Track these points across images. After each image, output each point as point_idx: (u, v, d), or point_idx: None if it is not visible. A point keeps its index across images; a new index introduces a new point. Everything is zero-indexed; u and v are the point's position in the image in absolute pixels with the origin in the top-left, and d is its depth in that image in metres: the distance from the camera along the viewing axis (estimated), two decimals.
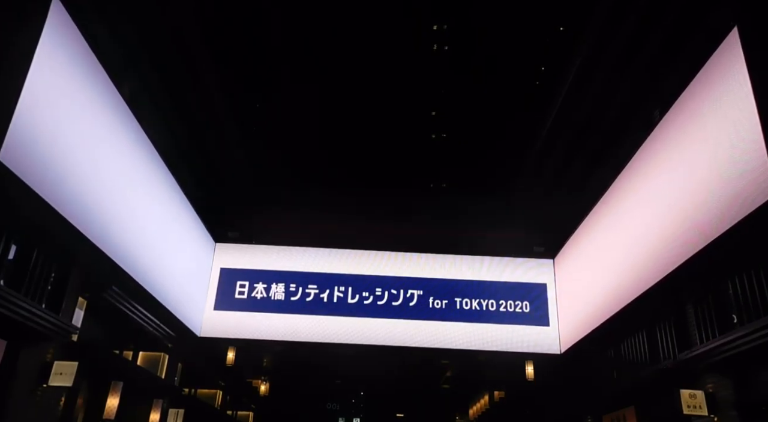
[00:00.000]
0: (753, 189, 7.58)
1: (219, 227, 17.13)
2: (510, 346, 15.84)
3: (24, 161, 7.56)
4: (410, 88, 56.92)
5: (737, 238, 8.31)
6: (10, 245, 8.36)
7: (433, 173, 57.90)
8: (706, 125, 9.04)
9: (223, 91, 15.13)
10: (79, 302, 10.52)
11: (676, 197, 9.89)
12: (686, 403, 9.06)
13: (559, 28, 20.86)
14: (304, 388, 29.49)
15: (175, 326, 14.17)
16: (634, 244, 11.50)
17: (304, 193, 19.41)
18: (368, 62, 51.65)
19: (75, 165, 9.00)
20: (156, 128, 13.90)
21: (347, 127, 52.75)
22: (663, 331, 10.86)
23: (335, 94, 49.19)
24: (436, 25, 61.82)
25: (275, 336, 15.88)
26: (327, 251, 16.94)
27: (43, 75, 7.91)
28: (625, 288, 11.66)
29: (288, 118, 40.07)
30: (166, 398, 14.72)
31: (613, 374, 13.21)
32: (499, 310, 16.21)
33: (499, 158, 28.33)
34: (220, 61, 15.36)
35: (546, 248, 17.34)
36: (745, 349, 8.07)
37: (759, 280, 8.27)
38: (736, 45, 8.17)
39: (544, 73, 23.58)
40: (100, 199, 9.84)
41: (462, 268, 16.78)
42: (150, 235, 12.17)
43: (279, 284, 16.40)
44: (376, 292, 16.47)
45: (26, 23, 7.77)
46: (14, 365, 8.60)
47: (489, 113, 34.88)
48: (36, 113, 7.83)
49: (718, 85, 8.68)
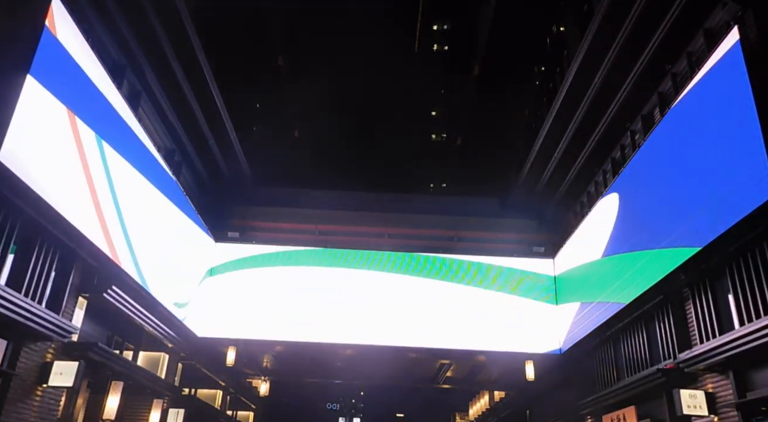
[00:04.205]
0: (752, 189, 7.59)
1: (219, 227, 17.14)
2: (510, 346, 15.84)
3: (24, 161, 7.56)
4: (410, 89, 56.96)
5: (737, 238, 8.31)
6: (10, 245, 8.36)
7: (433, 173, 57.96)
8: (706, 125, 9.04)
9: (224, 91, 15.14)
10: (79, 302, 10.52)
11: (676, 197, 9.89)
12: (686, 403, 9.06)
13: (560, 28, 20.86)
14: (304, 388, 29.54)
15: (175, 326, 14.18)
16: (633, 244, 11.50)
17: (304, 193, 19.41)
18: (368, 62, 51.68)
19: (75, 165, 9.00)
20: (156, 128, 13.95)
21: (347, 127, 52.80)
22: (663, 331, 10.86)
23: (335, 94, 49.24)
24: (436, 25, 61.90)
25: (275, 336, 15.88)
26: (327, 251, 16.94)
27: (43, 75, 7.91)
28: (625, 288, 11.66)
29: (288, 118, 40.09)
30: (166, 398, 14.72)
31: (613, 374, 13.22)
32: (499, 310, 16.20)
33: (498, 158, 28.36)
34: (220, 62, 15.38)
35: (546, 249, 17.35)
36: (745, 349, 8.07)
37: (759, 280, 8.27)
38: (736, 45, 8.18)
39: (544, 73, 23.57)
40: (100, 199, 9.84)
41: (462, 268, 16.77)
42: (150, 235, 12.17)
43: (279, 284, 16.39)
44: (376, 292, 16.46)
45: (27, 23, 7.78)
46: (14, 365, 8.60)
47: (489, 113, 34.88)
48: (36, 114, 7.83)
49: (718, 85, 8.69)
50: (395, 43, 55.08)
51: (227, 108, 15.58)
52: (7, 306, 7.79)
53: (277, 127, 34.62)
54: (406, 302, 16.31)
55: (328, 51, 50.01)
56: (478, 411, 28.21)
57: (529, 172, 17.03)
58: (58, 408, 9.92)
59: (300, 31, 43.12)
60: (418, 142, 59.85)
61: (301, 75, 42.41)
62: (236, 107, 16.61)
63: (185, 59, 13.16)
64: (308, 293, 16.31)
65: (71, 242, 9.55)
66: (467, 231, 18.43)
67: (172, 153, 14.93)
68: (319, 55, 47.95)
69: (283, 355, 18.15)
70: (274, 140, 32.32)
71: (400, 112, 56.87)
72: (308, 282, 16.46)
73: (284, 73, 37.35)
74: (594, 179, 15.50)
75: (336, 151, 50.70)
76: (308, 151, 45.21)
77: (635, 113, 12.74)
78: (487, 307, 16.26)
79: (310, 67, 45.48)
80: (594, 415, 13.72)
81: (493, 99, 34.53)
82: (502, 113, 30.80)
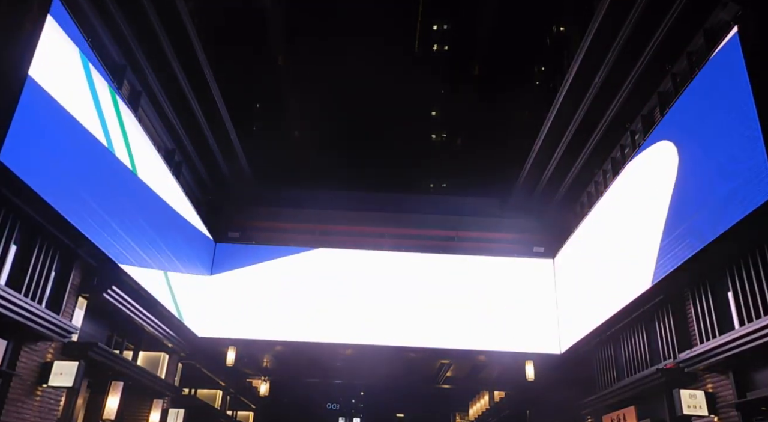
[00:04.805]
0: (752, 189, 7.59)
1: (219, 227, 17.13)
2: (510, 346, 15.84)
3: (24, 161, 7.56)
4: (410, 89, 56.94)
5: (737, 238, 8.31)
6: (10, 245, 8.36)
7: (433, 173, 57.91)
8: (706, 126, 9.04)
9: (224, 91, 15.13)
10: (79, 302, 10.52)
11: (675, 197, 9.89)
12: (686, 403, 9.06)
13: (560, 28, 20.85)
14: (304, 388, 29.51)
15: (175, 326, 14.18)
16: (634, 244, 11.50)
17: (304, 193, 19.40)
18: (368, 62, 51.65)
19: (75, 165, 9.00)
20: (156, 128, 13.94)
21: (347, 127, 52.78)
22: (663, 331, 10.86)
23: (335, 94, 49.23)
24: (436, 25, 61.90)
25: (275, 336, 15.88)
26: (327, 251, 16.94)
27: (43, 76, 7.91)
28: (625, 288, 11.67)
29: (288, 118, 40.07)
30: (166, 398, 14.72)
31: (613, 374, 13.22)
32: (499, 310, 16.19)
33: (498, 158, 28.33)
34: (220, 61, 15.37)
35: (546, 249, 17.34)
36: (745, 349, 8.07)
37: (759, 280, 8.27)
38: (736, 45, 8.18)
39: (544, 74, 23.56)
40: (101, 199, 9.84)
41: (462, 268, 16.77)
42: (150, 235, 12.17)
43: (279, 284, 16.39)
44: (375, 292, 16.45)
45: (27, 23, 7.78)
46: (14, 365, 8.60)
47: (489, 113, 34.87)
48: (36, 114, 7.83)
49: (718, 86, 8.69)
50: (395, 43, 55.06)
51: (227, 108, 15.58)
52: (7, 306, 7.79)
53: (277, 127, 34.59)
54: (406, 302, 16.31)
55: (328, 51, 49.97)
56: (478, 411, 28.21)
57: (529, 172, 17.02)
58: (58, 408, 9.92)
59: (300, 31, 43.10)
60: (418, 142, 59.80)
61: (301, 75, 42.39)
62: (236, 107, 16.59)
63: (185, 59, 13.16)
64: (308, 293, 16.30)
65: (71, 242, 9.55)
66: (467, 231, 18.43)
67: (172, 153, 14.93)
68: (319, 55, 47.92)
69: (283, 355, 18.14)
70: (274, 140, 32.28)
71: (400, 112, 56.82)
72: (308, 282, 16.46)
73: (284, 73, 37.33)
74: (594, 179, 15.50)
75: (336, 151, 50.65)
76: (308, 151, 45.17)
77: (635, 113, 12.75)
78: (487, 307, 16.26)
79: (310, 67, 45.47)
80: (594, 415, 13.73)
81: (493, 99, 34.54)
82: (502, 113, 30.75)
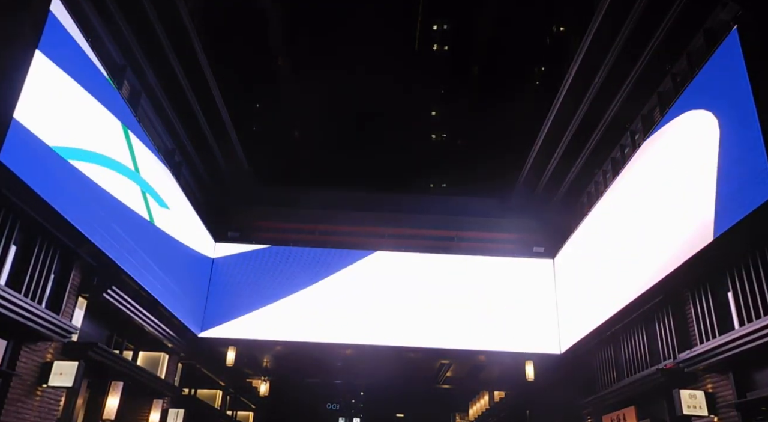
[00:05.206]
0: (752, 189, 7.59)
1: (219, 227, 17.13)
2: (510, 346, 15.83)
3: (24, 161, 7.56)
4: (410, 89, 56.96)
5: (737, 238, 8.31)
6: (10, 245, 8.36)
7: (433, 173, 57.92)
8: (706, 126, 9.04)
9: (224, 91, 15.14)
10: (79, 302, 10.52)
11: (675, 197, 9.89)
12: (686, 403, 9.06)
13: (560, 28, 20.87)
14: (304, 388, 29.48)
15: (175, 326, 14.17)
16: (633, 244, 11.50)
17: (304, 193, 19.40)
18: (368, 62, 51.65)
19: (75, 165, 9.00)
20: (156, 128, 13.94)
21: (347, 127, 52.80)
22: (663, 331, 10.86)
23: (335, 94, 49.25)
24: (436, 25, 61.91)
25: (275, 336, 15.88)
26: (327, 251, 16.93)
27: (43, 76, 7.91)
28: (625, 288, 11.67)
29: (288, 118, 40.08)
30: (166, 398, 14.72)
31: (613, 374, 13.21)
32: (499, 310, 16.19)
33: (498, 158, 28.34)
34: (220, 62, 15.38)
35: (546, 249, 17.33)
36: (744, 349, 8.07)
37: (759, 280, 8.27)
38: (736, 45, 8.18)
39: (544, 73, 23.58)
40: (101, 199, 9.84)
41: (462, 268, 16.77)
42: (150, 235, 12.17)
43: (279, 284, 16.39)
44: (376, 292, 16.45)
45: (27, 23, 7.78)
46: (14, 365, 8.60)
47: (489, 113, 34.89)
48: (36, 114, 7.82)
49: (718, 86, 8.69)
50: (395, 43, 55.09)
51: (227, 108, 15.57)
52: (7, 306, 7.79)
53: (277, 127, 34.62)
54: (406, 302, 16.30)
55: (328, 51, 49.99)
56: (478, 411, 28.21)
57: (529, 172, 17.02)
58: (58, 408, 9.92)
59: (300, 31, 43.13)
60: (418, 142, 59.81)
61: (301, 75, 42.43)
62: (236, 107, 16.60)
63: (185, 59, 13.16)
64: (308, 293, 16.30)
65: (71, 242, 9.54)
66: (467, 231, 18.43)
67: (172, 153, 14.94)
68: (319, 56, 47.94)
69: (283, 355, 18.14)
70: (274, 140, 32.30)
71: (400, 112, 56.82)
72: (308, 282, 16.45)
73: (284, 73, 37.36)
74: (594, 179, 15.50)
75: (336, 151, 50.66)
76: (308, 151, 45.19)
77: (635, 113, 12.75)
78: (487, 307, 16.25)
79: (310, 67, 45.49)
80: (594, 415, 13.73)
81: (493, 99, 34.58)
82: (503, 113, 30.80)
